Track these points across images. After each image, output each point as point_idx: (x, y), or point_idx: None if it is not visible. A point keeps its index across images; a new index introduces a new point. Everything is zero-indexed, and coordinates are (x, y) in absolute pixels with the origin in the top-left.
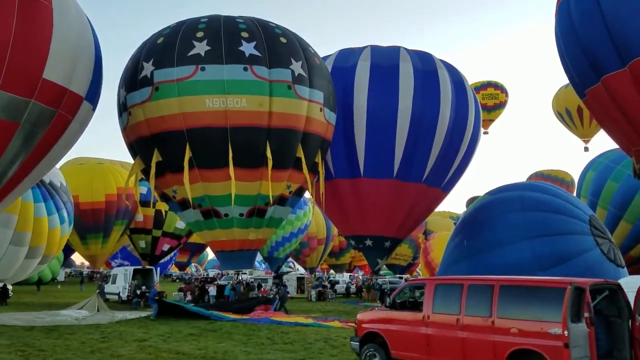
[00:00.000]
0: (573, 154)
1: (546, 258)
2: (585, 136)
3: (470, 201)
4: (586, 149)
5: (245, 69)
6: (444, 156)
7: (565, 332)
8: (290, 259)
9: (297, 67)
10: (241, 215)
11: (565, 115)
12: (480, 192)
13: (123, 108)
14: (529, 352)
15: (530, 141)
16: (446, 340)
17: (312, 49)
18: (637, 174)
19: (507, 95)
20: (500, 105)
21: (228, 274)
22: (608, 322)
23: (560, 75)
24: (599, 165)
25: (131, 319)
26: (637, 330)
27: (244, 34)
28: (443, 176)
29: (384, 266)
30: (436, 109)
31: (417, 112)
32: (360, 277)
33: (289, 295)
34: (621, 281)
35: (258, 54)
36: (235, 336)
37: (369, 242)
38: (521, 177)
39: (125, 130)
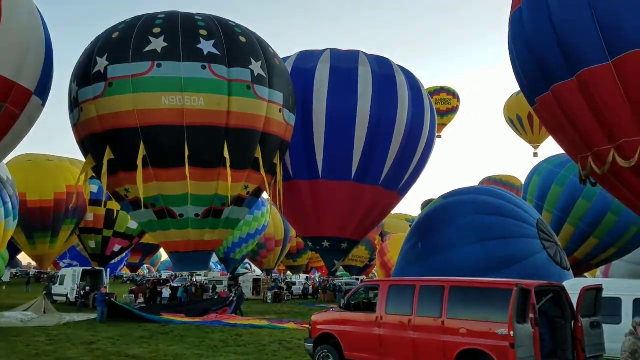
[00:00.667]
0: (523, 159)
1: (497, 260)
2: (535, 142)
3: (425, 204)
4: (535, 155)
5: (204, 67)
6: (400, 160)
7: (511, 333)
8: (247, 261)
9: (256, 67)
10: (197, 215)
11: (516, 122)
12: (435, 195)
13: (74, 103)
14: (477, 352)
15: (482, 146)
16: (398, 341)
17: (272, 49)
18: (583, 179)
19: (459, 100)
20: (453, 110)
21: (182, 276)
22: (552, 322)
23: (512, 83)
24: (543, 170)
25: (79, 321)
26: (580, 331)
27: (203, 32)
28: (399, 179)
29: (341, 267)
30: (393, 114)
31: (375, 116)
32: (317, 279)
33: (244, 297)
34: (565, 284)
35: (217, 52)
36: (188, 339)
37: (326, 244)
38: (473, 181)
39: (77, 126)
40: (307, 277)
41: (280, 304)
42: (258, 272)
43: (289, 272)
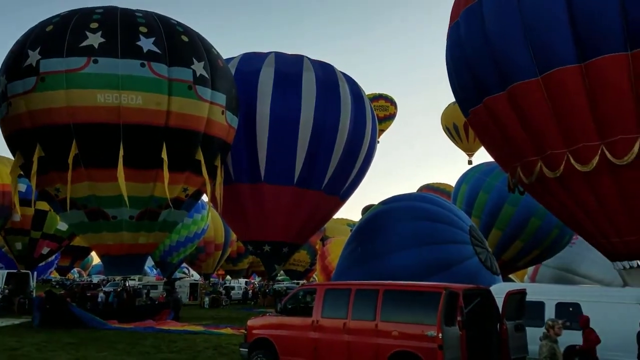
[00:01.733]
0: (459, 166)
1: (432, 265)
2: (470, 150)
3: (366, 209)
4: (470, 162)
5: (143, 65)
6: (342, 166)
7: (440, 335)
8: (184, 265)
9: (199, 67)
10: (131, 217)
11: (453, 130)
12: (375, 200)
13: (2, 97)
14: (407, 354)
15: (421, 153)
16: (332, 344)
17: (215, 50)
18: (512, 188)
19: (396, 107)
20: (390, 117)
21: (114, 280)
22: (479, 325)
23: (450, 92)
24: (471, 178)
25: (3, 326)
26: (505, 333)
27: (143, 29)
28: (341, 185)
29: (282, 272)
30: (336, 120)
31: (318, 122)
32: (257, 283)
33: (181, 302)
34: (492, 288)
35: (157, 50)
36: (119, 345)
37: (267, 248)
38: (412, 187)
39: (4, 121)
40: (246, 281)
41: (218, 309)
42: (196, 276)
43: (228, 277)
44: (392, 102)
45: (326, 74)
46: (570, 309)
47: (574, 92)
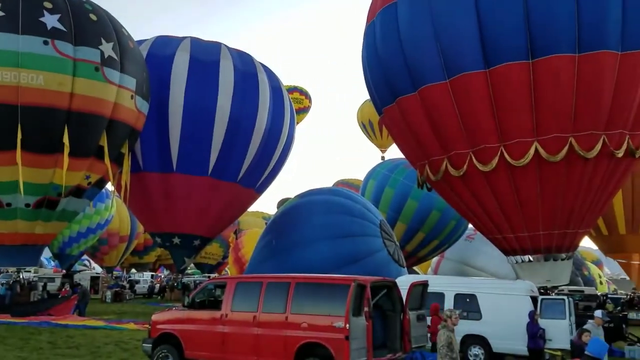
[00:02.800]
0: (374, 161)
1: (343, 257)
2: (383, 146)
3: (281, 203)
4: (383, 158)
5: (46, 43)
6: (259, 158)
7: (347, 326)
8: (85, 257)
9: (107, 48)
10: (27, 205)
11: (368, 126)
12: (291, 194)
13: None
14: (315, 345)
15: (338, 148)
16: (241, 338)
17: (126, 31)
18: (420, 184)
19: (310, 101)
20: (304, 110)
21: (7, 272)
22: (384, 315)
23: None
24: (377, 174)
25: None
26: (407, 323)
27: (47, 4)
28: (257, 177)
29: (192, 265)
30: (254, 112)
31: (235, 113)
32: (164, 276)
33: (89, 297)
34: (397, 279)
35: (62, 28)
36: (10, 340)
37: (177, 240)
38: (328, 181)
39: None
40: (152, 274)
41: (121, 303)
42: (98, 269)
43: (133, 270)
44: (307, 95)
45: (244, 63)
46: (467, 300)
47: (478, 96)
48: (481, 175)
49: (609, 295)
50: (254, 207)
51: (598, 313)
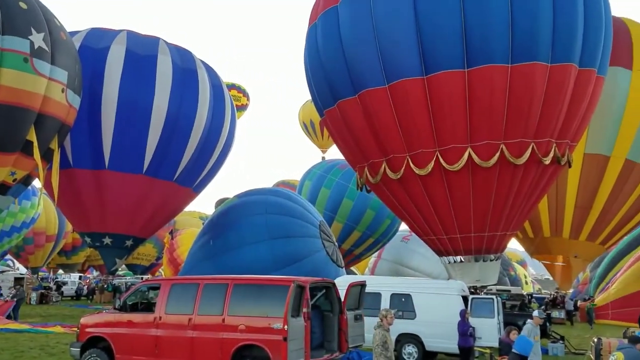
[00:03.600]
0: (314, 161)
1: (282, 258)
2: (324, 147)
3: (220, 202)
4: (323, 159)
5: None
6: (197, 157)
7: (286, 327)
8: (9, 257)
9: (37, 38)
10: None
11: (309, 126)
12: (230, 193)
13: None
14: (252, 347)
15: (279, 148)
16: (176, 341)
17: (59, 21)
18: (360, 186)
19: (248, 99)
20: (242, 108)
21: None
22: (322, 316)
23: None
24: (313, 175)
25: None
26: (345, 323)
27: None
28: (195, 176)
29: (124, 266)
30: (193, 109)
31: (173, 110)
32: (93, 278)
33: (24, 299)
34: (336, 280)
35: None
36: None
37: (107, 240)
38: (269, 181)
39: None
40: (80, 276)
41: (47, 305)
42: (23, 270)
43: (60, 271)
44: (245, 93)
45: (184, 60)
46: (403, 300)
47: (416, 102)
48: (417, 179)
49: (534, 295)
50: (190, 207)
51: (536, 313)
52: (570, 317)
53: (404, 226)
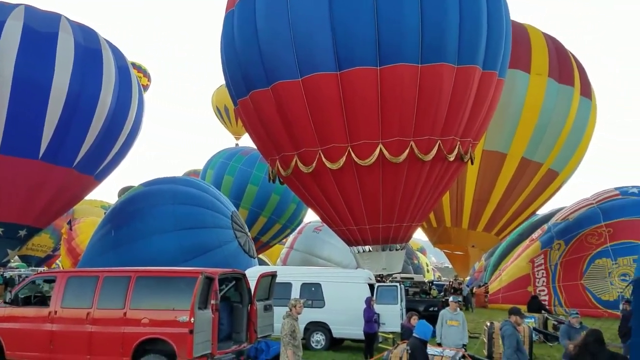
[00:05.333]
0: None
1: (190, 249)
2: (237, 134)
3: (123, 191)
4: (237, 146)
5: None
6: (100, 143)
7: (192, 319)
8: None
9: None
10: None
11: (223, 112)
12: (134, 182)
13: None
14: (156, 341)
15: (190, 134)
16: (72, 336)
17: None
18: (271, 178)
19: (149, 79)
20: (144, 89)
21: None
22: (231, 307)
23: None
24: (215, 163)
25: None
26: (254, 314)
27: None
28: (98, 163)
29: (17, 257)
30: (97, 92)
31: (74, 92)
32: None
33: None
34: (247, 271)
35: None
36: None
37: None
38: (178, 170)
39: None
40: None
41: None
42: None
43: None
44: (146, 73)
45: (87, 39)
46: (313, 289)
47: (329, 97)
48: (329, 173)
49: (434, 282)
50: (91, 195)
51: (451, 298)
52: (466, 303)
53: (315, 217)
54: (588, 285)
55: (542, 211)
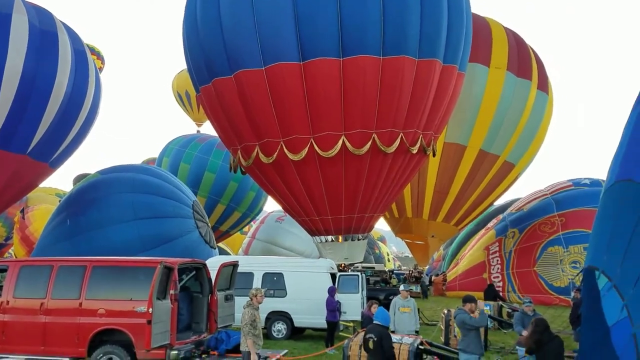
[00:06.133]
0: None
1: (150, 239)
2: (199, 120)
3: (79, 179)
4: (198, 132)
5: None
6: (56, 129)
7: (150, 310)
8: None
9: None
10: None
11: (184, 97)
12: (90, 169)
13: None
14: (113, 332)
15: (148, 120)
16: (25, 327)
17: None
18: (233, 167)
19: (103, 62)
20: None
21: None
22: (191, 297)
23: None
24: (171, 151)
25: None
26: (215, 304)
27: None
28: (53, 150)
29: None
30: (52, 76)
31: (28, 76)
32: None
33: None
34: (207, 261)
35: None
36: None
37: None
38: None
39: None
40: None
41: None
42: None
43: None
44: (99, 56)
45: (43, 21)
46: (275, 279)
47: (292, 87)
48: (291, 164)
49: (394, 271)
50: (46, 182)
51: (402, 287)
52: (425, 291)
53: (277, 205)
54: (540, 272)
55: (499, 202)
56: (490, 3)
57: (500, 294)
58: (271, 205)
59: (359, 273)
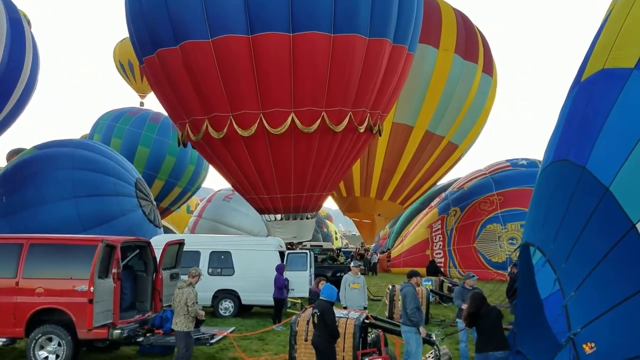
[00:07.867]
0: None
1: (90, 217)
2: (142, 92)
3: (13, 153)
4: (142, 104)
5: None
6: None
7: (91, 289)
8: None
9: None
10: None
11: (127, 67)
12: (26, 144)
13: None
14: (53, 311)
15: (87, 91)
16: None
17: None
18: (181, 142)
19: (29, 25)
20: None
21: None
22: (135, 276)
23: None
24: (102, 126)
25: None
26: (160, 282)
27: None
28: None
29: None
30: None
31: None
32: None
33: None
34: (152, 239)
35: None
36: None
37: None
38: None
39: None
40: None
41: None
42: None
43: None
44: (27, 22)
45: None
46: (222, 257)
47: (241, 60)
48: (241, 140)
49: (342, 249)
50: None
51: (353, 263)
52: (371, 268)
53: (216, 180)
54: (480, 249)
55: (443, 182)
56: None
57: (442, 269)
58: (212, 181)
59: (307, 251)
